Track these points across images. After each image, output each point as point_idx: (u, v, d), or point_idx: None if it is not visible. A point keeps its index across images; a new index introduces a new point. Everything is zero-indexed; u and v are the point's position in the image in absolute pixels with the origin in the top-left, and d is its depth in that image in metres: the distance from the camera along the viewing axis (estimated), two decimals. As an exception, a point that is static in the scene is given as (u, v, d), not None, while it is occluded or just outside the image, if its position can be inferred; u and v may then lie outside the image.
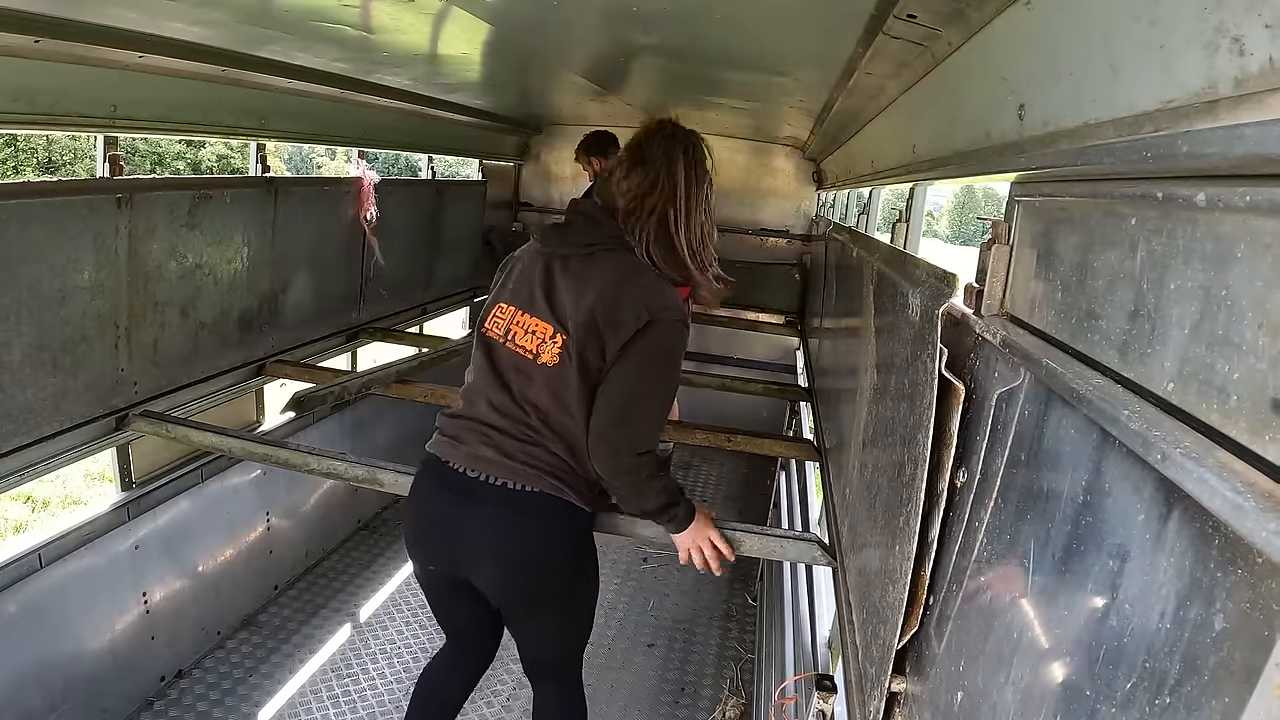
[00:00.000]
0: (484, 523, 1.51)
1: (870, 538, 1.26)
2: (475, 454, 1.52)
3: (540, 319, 1.52)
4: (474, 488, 1.51)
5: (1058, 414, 0.67)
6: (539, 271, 1.55)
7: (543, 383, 1.50)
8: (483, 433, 1.53)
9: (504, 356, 1.55)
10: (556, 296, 1.52)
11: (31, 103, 1.70)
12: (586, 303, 1.48)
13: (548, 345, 1.50)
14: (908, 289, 1.11)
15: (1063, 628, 0.61)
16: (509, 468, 1.50)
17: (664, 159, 1.56)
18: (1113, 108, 0.62)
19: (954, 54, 1.14)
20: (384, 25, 1.78)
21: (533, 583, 1.57)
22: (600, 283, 1.49)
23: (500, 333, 1.56)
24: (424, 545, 1.61)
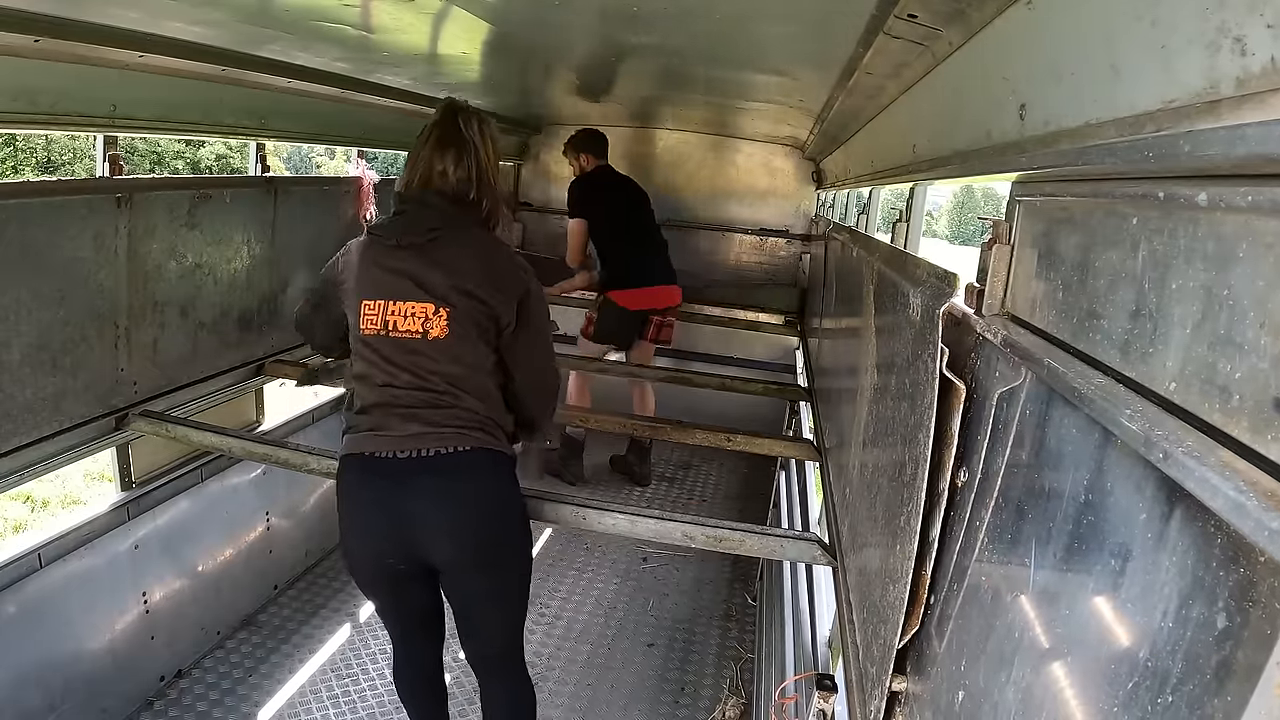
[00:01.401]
0: (430, 495, 1.58)
1: (871, 537, 1.26)
2: (400, 435, 1.58)
3: (415, 302, 1.60)
4: (409, 466, 1.57)
5: (1059, 413, 0.67)
6: (389, 263, 1.62)
7: (440, 353, 1.61)
8: (400, 415, 1.59)
9: (390, 346, 1.61)
10: (421, 278, 1.60)
11: (31, 102, 1.70)
12: (458, 279, 1.61)
13: (433, 321, 1.60)
14: (908, 289, 1.11)
15: (1064, 627, 0.61)
16: (437, 435, 1.58)
17: (470, 136, 1.67)
18: (1114, 107, 0.62)
19: (955, 54, 1.14)
20: (384, 25, 1.78)
21: (490, 536, 1.65)
22: (462, 260, 1.62)
23: (378, 327, 1.61)
24: (375, 540, 1.63)
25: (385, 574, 1.68)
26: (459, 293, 1.61)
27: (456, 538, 1.61)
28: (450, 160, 1.65)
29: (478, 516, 1.63)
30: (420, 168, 1.66)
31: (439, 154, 1.66)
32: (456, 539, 1.62)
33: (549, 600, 3.08)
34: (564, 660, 2.73)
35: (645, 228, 3.83)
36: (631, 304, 3.77)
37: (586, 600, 3.11)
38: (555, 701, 2.52)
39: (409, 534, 1.60)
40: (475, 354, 1.63)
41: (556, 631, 2.89)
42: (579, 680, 2.63)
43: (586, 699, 2.55)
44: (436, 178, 1.65)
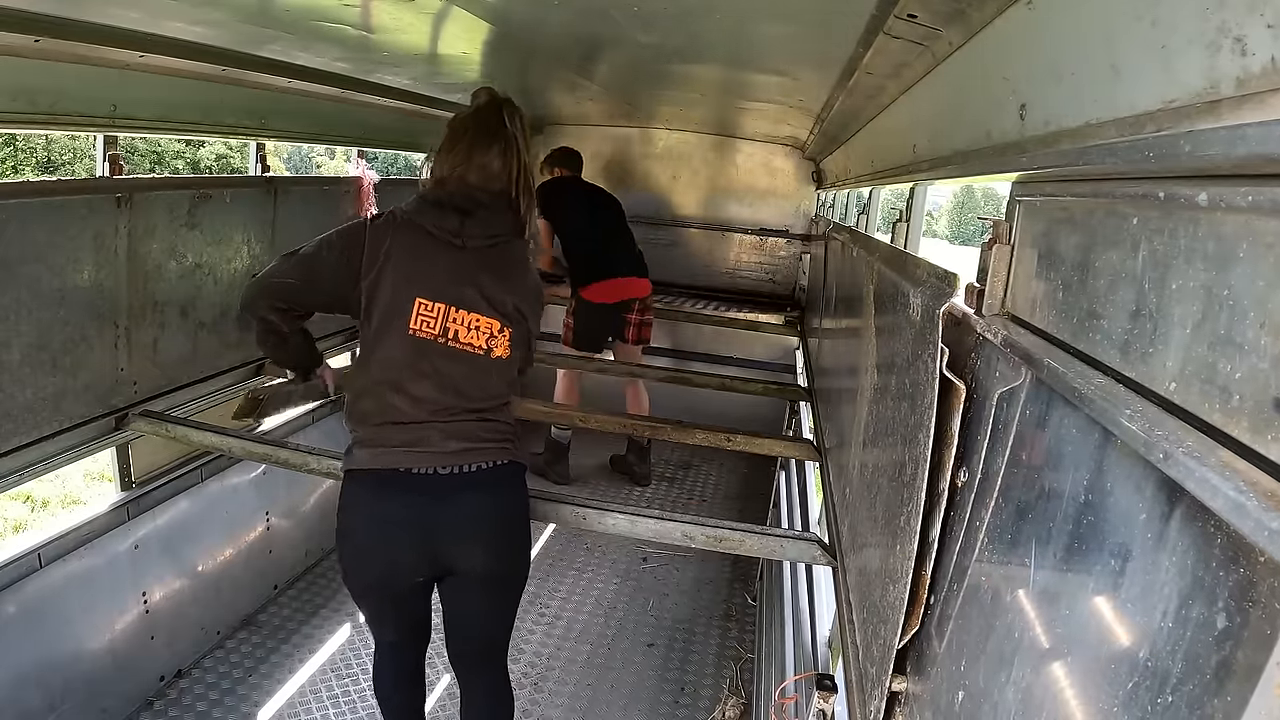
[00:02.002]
0: (472, 510, 1.56)
1: (870, 537, 1.26)
2: (441, 451, 1.53)
3: (482, 315, 1.55)
4: (451, 483, 1.54)
5: (1059, 413, 0.67)
6: (448, 262, 1.54)
7: (498, 372, 1.58)
8: (441, 429, 1.54)
9: (444, 356, 1.53)
10: (489, 290, 1.55)
11: (31, 102, 1.70)
12: (517, 296, 1.59)
13: (498, 339, 1.56)
14: (908, 289, 1.11)
15: (1064, 627, 0.61)
16: (480, 451, 1.56)
17: (514, 133, 1.59)
18: (1114, 107, 0.62)
19: (955, 54, 1.14)
20: (384, 25, 1.78)
21: (519, 544, 1.67)
22: (517, 273, 1.60)
23: (435, 332, 1.53)
24: (400, 554, 1.58)
25: (399, 586, 1.65)
26: (518, 312, 1.59)
27: (492, 548, 1.61)
28: (496, 157, 1.57)
29: (512, 528, 1.64)
30: (463, 160, 1.56)
31: (483, 149, 1.56)
32: (491, 549, 1.61)
33: (549, 600, 3.08)
34: (564, 660, 2.73)
35: (610, 227, 3.84)
36: (600, 297, 3.77)
37: (586, 600, 3.11)
38: (555, 701, 2.52)
39: (439, 549, 1.58)
40: (516, 371, 1.64)
41: (556, 631, 2.89)
42: (579, 680, 2.63)
43: (586, 699, 2.55)
44: (479, 174, 1.56)
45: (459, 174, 1.56)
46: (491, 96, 1.62)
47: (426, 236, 1.54)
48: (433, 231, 1.54)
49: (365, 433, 1.56)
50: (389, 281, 1.52)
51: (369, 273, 1.53)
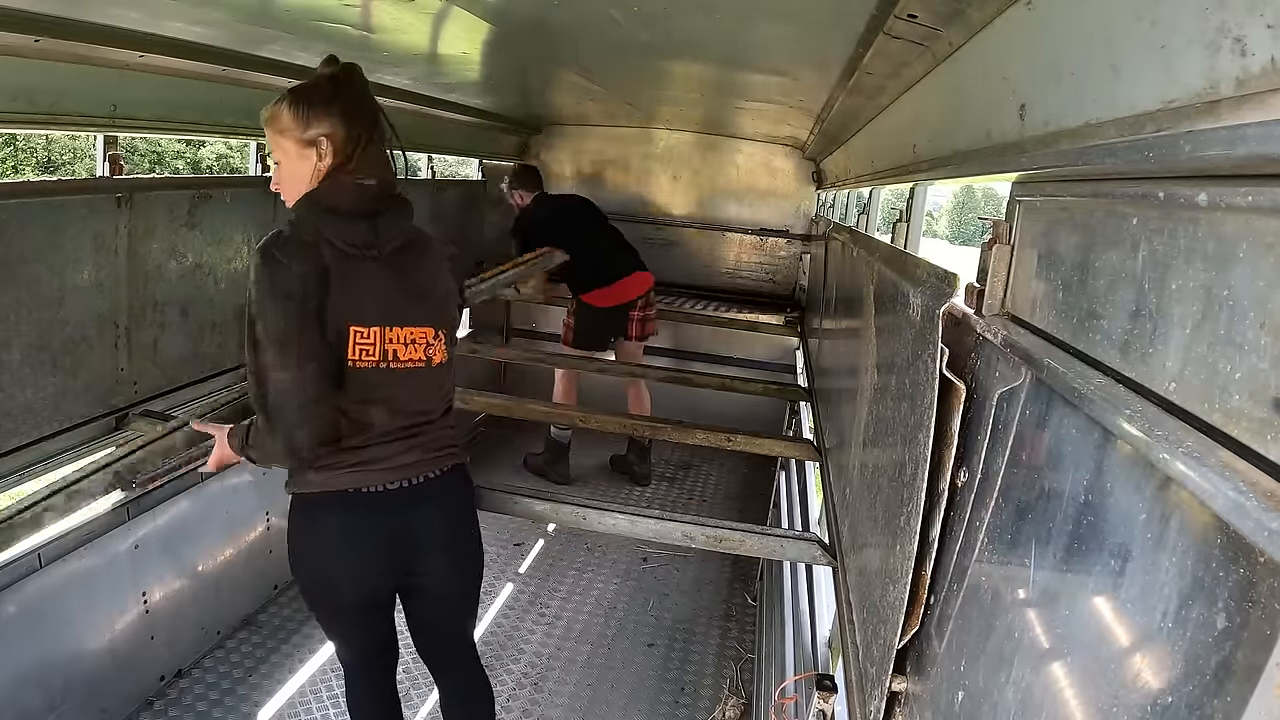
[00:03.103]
0: (427, 520, 1.55)
1: (870, 537, 1.26)
2: (393, 467, 1.50)
3: (414, 327, 1.48)
4: (404, 496, 1.51)
5: (1059, 414, 0.67)
6: (374, 278, 1.42)
7: (441, 378, 1.56)
8: (393, 446, 1.49)
9: (387, 379, 1.45)
10: (415, 298, 1.48)
11: (31, 102, 1.70)
12: (439, 292, 1.54)
13: (435, 346, 1.52)
14: (908, 289, 1.11)
15: (1064, 627, 0.61)
16: (430, 461, 1.55)
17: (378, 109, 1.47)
18: (1114, 108, 0.62)
19: (955, 54, 1.14)
20: (384, 25, 1.78)
21: (474, 546, 1.69)
22: (432, 267, 1.53)
23: (376, 359, 1.43)
24: (370, 574, 1.55)
25: (369, 603, 1.62)
26: (444, 309, 1.54)
27: (450, 552, 1.63)
28: (377, 141, 1.45)
29: (465, 528, 1.66)
30: (354, 153, 1.41)
31: (361, 132, 1.42)
32: (450, 553, 1.63)
33: (549, 600, 3.08)
34: (564, 660, 2.73)
35: (595, 231, 3.85)
36: (603, 301, 3.78)
37: (586, 600, 3.11)
38: (555, 701, 2.52)
39: (402, 561, 1.57)
40: (453, 369, 1.61)
41: (556, 631, 2.89)
42: (579, 680, 2.63)
43: (586, 699, 2.55)
44: (374, 166, 1.44)
45: (351, 170, 1.41)
46: (351, 69, 1.45)
47: (340, 256, 1.39)
48: (344, 249, 1.39)
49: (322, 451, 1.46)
50: (329, 320, 1.39)
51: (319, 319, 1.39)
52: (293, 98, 1.41)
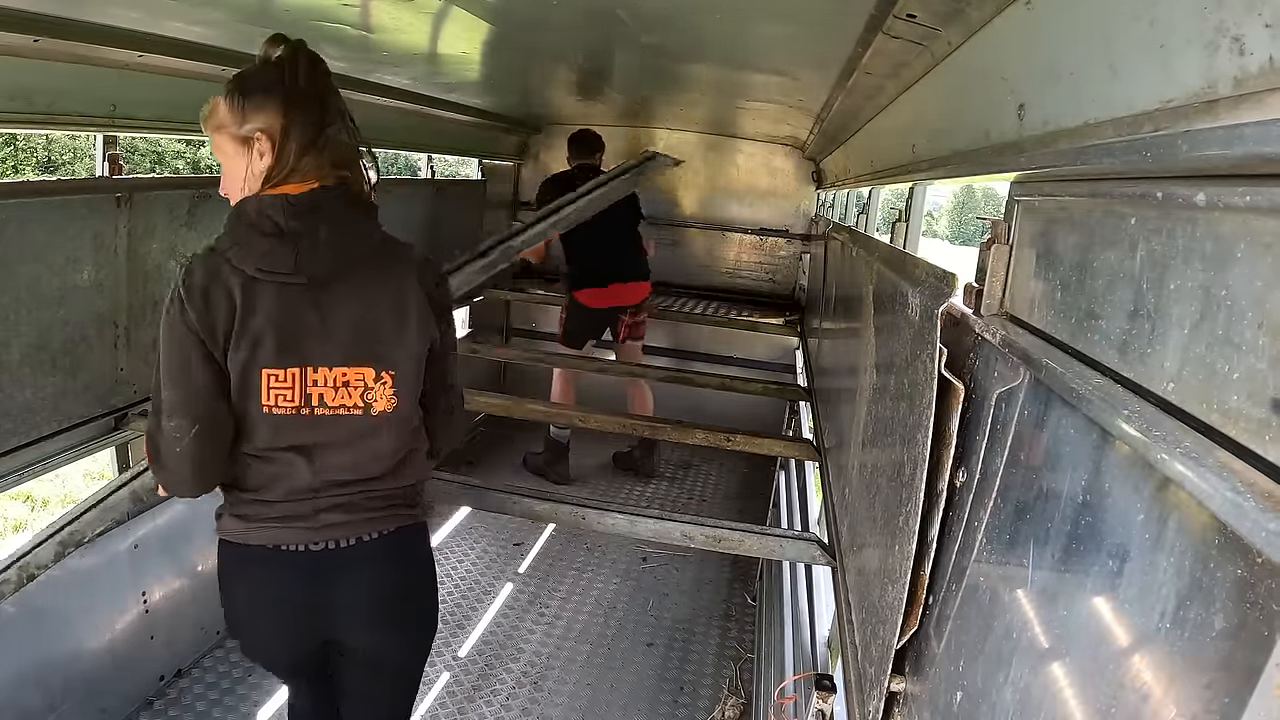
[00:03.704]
0: (354, 588, 1.32)
1: (870, 537, 1.26)
2: (315, 526, 1.28)
3: (348, 367, 1.23)
4: (329, 559, 1.30)
5: (1057, 414, 0.67)
6: (295, 308, 1.20)
7: (388, 431, 1.28)
8: (324, 502, 1.28)
9: (310, 429, 1.23)
10: (350, 331, 1.23)
11: (30, 102, 1.70)
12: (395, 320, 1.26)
13: (376, 391, 1.25)
14: (907, 289, 1.11)
15: (1062, 627, 0.61)
16: (364, 523, 1.31)
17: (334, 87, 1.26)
18: (1112, 107, 0.62)
19: (954, 53, 1.14)
20: (384, 25, 1.78)
21: (407, 622, 1.43)
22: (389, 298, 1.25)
23: (295, 403, 1.22)
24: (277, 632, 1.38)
25: (290, 669, 1.49)
26: (398, 345, 1.27)
27: (384, 627, 1.40)
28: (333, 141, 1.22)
29: (406, 604, 1.41)
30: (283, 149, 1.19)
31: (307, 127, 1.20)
32: (384, 628, 1.40)
33: (549, 600, 3.08)
34: (564, 660, 2.73)
35: (607, 228, 3.70)
36: (593, 302, 3.78)
37: (586, 600, 3.11)
38: (555, 701, 2.52)
39: (321, 630, 1.37)
40: (415, 415, 1.34)
41: (556, 631, 2.89)
42: (579, 680, 2.63)
43: (586, 699, 2.55)
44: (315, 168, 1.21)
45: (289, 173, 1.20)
46: (299, 49, 1.22)
47: (250, 283, 1.18)
48: (257, 276, 1.18)
49: (232, 498, 1.32)
50: (231, 355, 1.20)
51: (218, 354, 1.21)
52: (229, 86, 1.21)
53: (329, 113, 1.23)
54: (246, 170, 1.22)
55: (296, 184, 1.20)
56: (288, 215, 1.18)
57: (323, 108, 1.22)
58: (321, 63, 1.24)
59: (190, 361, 1.19)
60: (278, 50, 1.22)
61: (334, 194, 1.22)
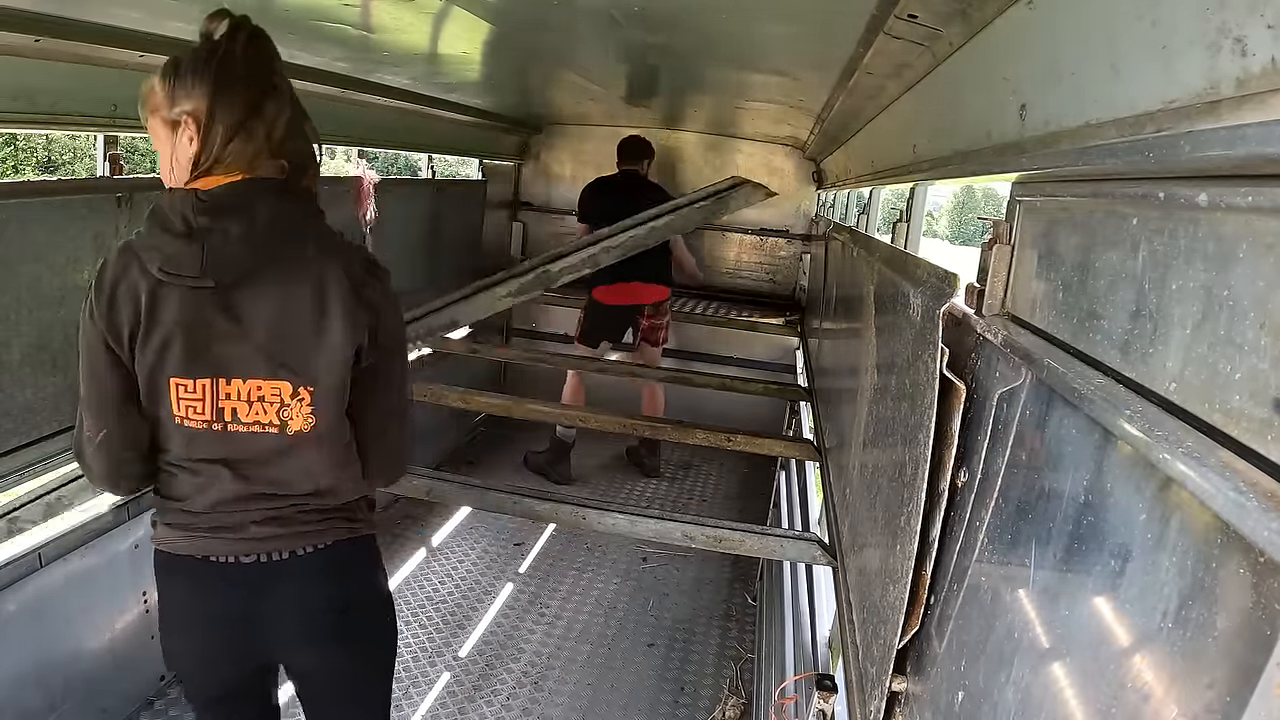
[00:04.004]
0: (290, 604, 1.24)
1: (870, 537, 1.26)
2: (250, 537, 1.20)
3: (263, 378, 1.13)
4: (262, 573, 1.21)
5: (1059, 414, 0.67)
6: (199, 315, 1.10)
7: (313, 451, 1.18)
8: (254, 514, 1.20)
9: (221, 443, 1.15)
10: (263, 340, 1.12)
11: (31, 102, 1.70)
12: (305, 343, 1.13)
13: (292, 408, 1.14)
14: (908, 289, 1.11)
15: (1064, 627, 0.61)
16: (297, 535, 1.22)
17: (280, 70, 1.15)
18: (1114, 108, 0.62)
19: (955, 54, 1.14)
20: (384, 25, 1.78)
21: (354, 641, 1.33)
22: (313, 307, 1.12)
23: (206, 417, 1.13)
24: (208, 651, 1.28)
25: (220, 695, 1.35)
26: (319, 356, 1.14)
27: (325, 643, 1.30)
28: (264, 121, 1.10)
29: (347, 620, 1.30)
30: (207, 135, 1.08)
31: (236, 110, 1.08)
32: (325, 645, 1.30)
33: (549, 600, 3.08)
34: (564, 660, 2.73)
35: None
36: (608, 299, 3.83)
37: (586, 600, 3.11)
38: (555, 701, 2.52)
39: (258, 648, 1.28)
40: (345, 431, 1.21)
41: (556, 631, 2.89)
42: (579, 680, 2.63)
43: (586, 699, 2.55)
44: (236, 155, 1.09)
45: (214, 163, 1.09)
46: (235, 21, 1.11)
47: (157, 286, 1.09)
48: (162, 279, 1.08)
49: (161, 506, 1.25)
50: (138, 361, 1.12)
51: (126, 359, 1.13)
52: (164, 66, 1.11)
53: (267, 95, 1.11)
54: (172, 157, 1.12)
55: (222, 174, 1.09)
56: (197, 212, 1.07)
57: (259, 90, 1.10)
58: (262, 40, 1.13)
59: (98, 365, 1.12)
60: (218, 27, 1.10)
61: (258, 186, 1.10)
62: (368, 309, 1.16)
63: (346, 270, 1.14)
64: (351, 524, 1.27)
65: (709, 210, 2.38)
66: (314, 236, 1.15)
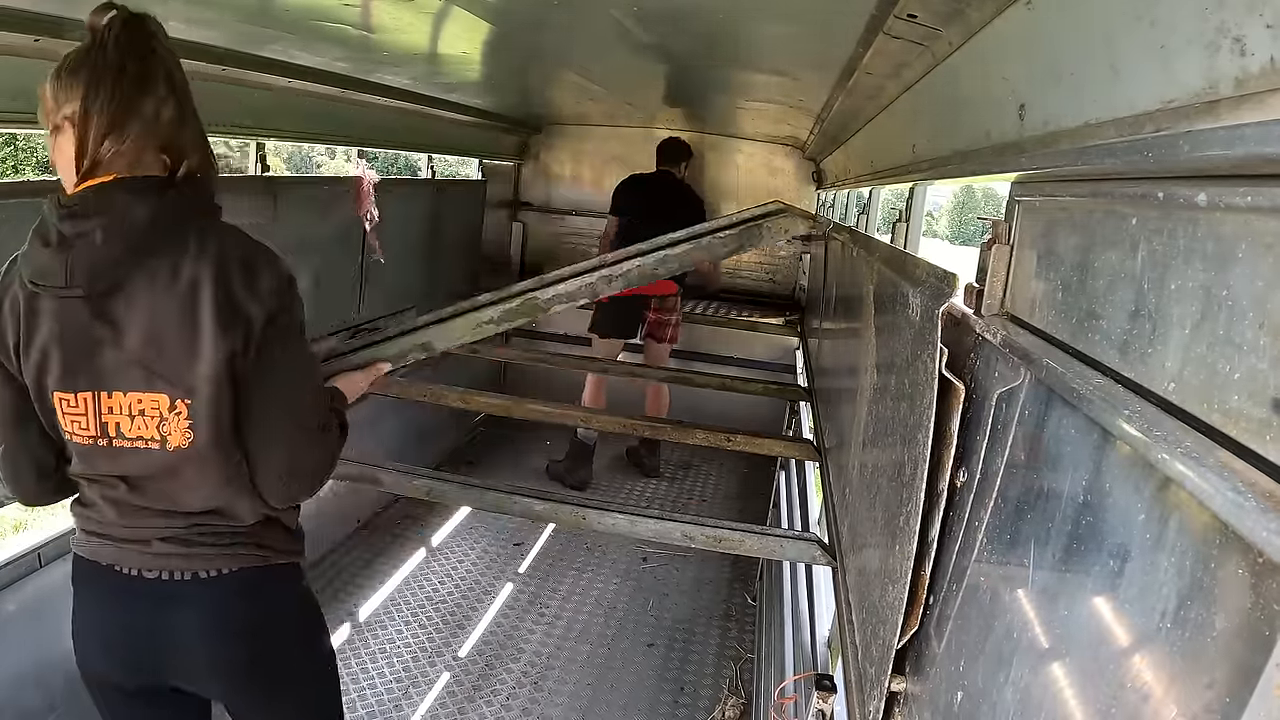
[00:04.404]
0: (192, 630, 1.17)
1: (870, 537, 1.26)
2: (153, 553, 1.15)
3: (144, 391, 1.06)
4: (162, 590, 1.16)
5: (1058, 414, 0.67)
6: (78, 323, 1.04)
7: (197, 470, 1.11)
8: (153, 531, 1.15)
9: (109, 458, 1.10)
10: (140, 350, 1.05)
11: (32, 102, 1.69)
12: (183, 353, 1.05)
13: (171, 422, 1.07)
14: (908, 289, 1.11)
15: (1063, 627, 0.61)
16: (202, 557, 1.16)
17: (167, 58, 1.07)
18: (1113, 108, 0.62)
19: (954, 54, 1.14)
20: (384, 24, 1.78)
21: (267, 670, 1.25)
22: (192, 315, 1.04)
23: (92, 433, 1.08)
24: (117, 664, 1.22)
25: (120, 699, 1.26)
26: (194, 359, 1.05)
27: (229, 676, 1.23)
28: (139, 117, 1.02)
29: (246, 651, 1.21)
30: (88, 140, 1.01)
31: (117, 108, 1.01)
32: (229, 677, 1.23)
33: (549, 600, 3.08)
34: (564, 660, 2.73)
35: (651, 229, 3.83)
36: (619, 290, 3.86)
37: (586, 600, 3.11)
38: (555, 701, 2.52)
39: (158, 672, 1.22)
40: (229, 447, 1.13)
41: (556, 631, 2.89)
42: (579, 680, 2.63)
43: (586, 699, 2.55)
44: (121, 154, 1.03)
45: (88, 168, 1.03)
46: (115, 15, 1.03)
47: (32, 296, 1.05)
48: (34, 289, 1.04)
49: (76, 512, 1.20)
50: (25, 374, 1.08)
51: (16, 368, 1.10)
52: (52, 71, 1.06)
53: (143, 88, 1.03)
54: (60, 161, 1.06)
55: (104, 176, 1.03)
56: (60, 219, 1.02)
57: (136, 81, 1.02)
58: (140, 27, 1.04)
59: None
60: (100, 20, 1.02)
61: (132, 186, 1.03)
62: (243, 308, 1.06)
63: (220, 269, 1.06)
64: (260, 550, 1.19)
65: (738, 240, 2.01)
66: (196, 236, 1.06)
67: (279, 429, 1.14)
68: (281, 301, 1.10)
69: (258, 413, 1.12)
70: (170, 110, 1.06)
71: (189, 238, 1.06)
